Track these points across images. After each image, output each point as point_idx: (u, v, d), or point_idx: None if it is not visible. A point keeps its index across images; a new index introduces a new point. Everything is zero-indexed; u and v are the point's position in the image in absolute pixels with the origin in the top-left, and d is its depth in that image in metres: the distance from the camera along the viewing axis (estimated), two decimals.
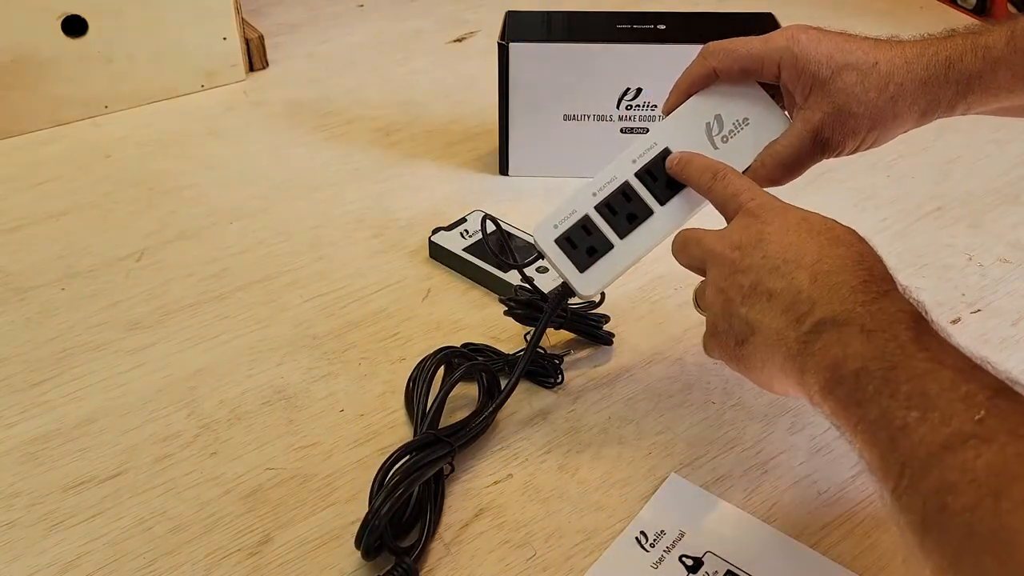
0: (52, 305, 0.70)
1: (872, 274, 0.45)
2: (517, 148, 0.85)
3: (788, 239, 0.48)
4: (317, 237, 0.78)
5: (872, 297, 0.44)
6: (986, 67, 0.54)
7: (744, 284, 0.48)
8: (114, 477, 0.57)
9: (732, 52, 0.57)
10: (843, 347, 0.43)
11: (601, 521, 0.54)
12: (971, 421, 0.37)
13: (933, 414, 0.38)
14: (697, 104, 0.59)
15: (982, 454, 0.35)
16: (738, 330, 0.49)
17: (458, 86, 1.03)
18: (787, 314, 0.46)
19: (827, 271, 0.46)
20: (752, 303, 0.48)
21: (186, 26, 0.96)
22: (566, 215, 0.58)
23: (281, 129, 0.95)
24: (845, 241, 0.48)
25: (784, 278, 0.47)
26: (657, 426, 0.61)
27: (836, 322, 0.44)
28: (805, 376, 0.45)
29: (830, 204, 0.82)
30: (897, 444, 0.39)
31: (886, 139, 0.57)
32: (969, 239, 0.79)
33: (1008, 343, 0.68)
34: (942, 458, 0.37)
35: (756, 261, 0.48)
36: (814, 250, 0.47)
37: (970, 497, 0.35)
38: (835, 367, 0.43)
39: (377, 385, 0.63)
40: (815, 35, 0.56)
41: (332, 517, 0.54)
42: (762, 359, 0.48)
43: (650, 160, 0.58)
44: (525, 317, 0.64)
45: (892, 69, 0.55)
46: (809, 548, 0.52)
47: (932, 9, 1.22)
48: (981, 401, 0.37)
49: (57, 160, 0.88)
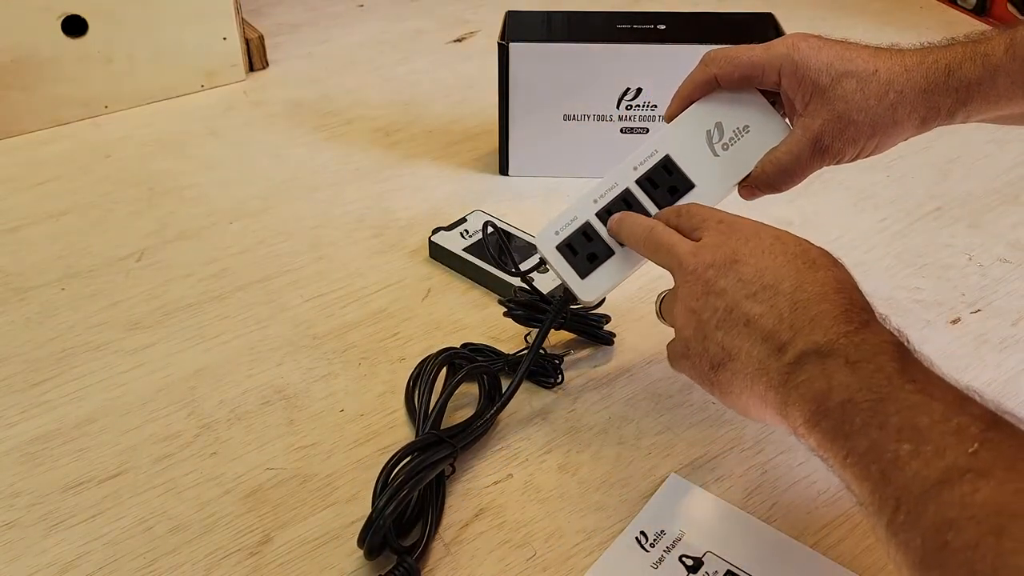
0: (52, 305, 0.70)
1: (852, 302, 0.45)
2: (517, 148, 0.85)
3: (764, 262, 0.47)
4: (317, 237, 0.78)
5: (855, 327, 0.44)
6: (985, 75, 0.54)
7: (719, 307, 0.48)
8: (114, 477, 0.57)
9: (733, 59, 0.57)
10: (827, 379, 0.43)
11: (601, 521, 0.54)
12: (965, 454, 0.36)
13: (926, 447, 0.38)
14: (698, 111, 0.60)
15: (979, 489, 0.35)
16: (713, 354, 0.48)
17: (458, 86, 1.03)
18: (767, 343, 0.46)
19: (807, 300, 0.45)
20: (728, 328, 0.47)
21: (186, 26, 0.96)
22: (567, 221, 0.59)
23: (281, 129, 0.95)
24: (822, 265, 0.47)
25: (762, 304, 0.46)
26: (657, 426, 0.61)
27: (820, 353, 0.43)
28: (788, 408, 0.45)
29: (830, 204, 0.83)
30: (890, 478, 0.39)
31: (886, 147, 0.58)
32: (969, 239, 0.79)
33: (1008, 343, 0.68)
34: (939, 493, 0.36)
35: (731, 284, 0.48)
36: (792, 276, 0.46)
37: (971, 535, 0.35)
38: (820, 399, 0.43)
39: (377, 385, 0.63)
40: (815, 43, 0.56)
41: (332, 517, 0.54)
42: (740, 386, 0.48)
43: (651, 167, 0.59)
44: (525, 318, 0.64)
45: (892, 77, 0.55)
46: (809, 548, 0.52)
47: (932, 9, 1.22)
48: (974, 434, 0.37)
49: (57, 160, 0.88)
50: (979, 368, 0.65)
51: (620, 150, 0.83)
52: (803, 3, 1.20)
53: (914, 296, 0.72)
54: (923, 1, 1.23)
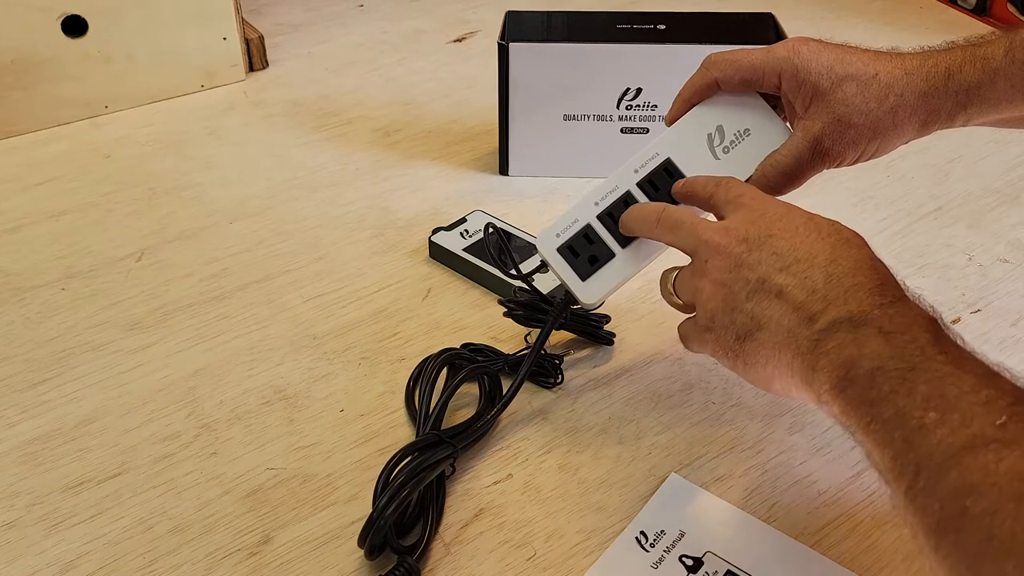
0: (52, 305, 0.70)
1: (886, 279, 0.46)
2: (517, 148, 0.85)
3: (798, 238, 0.48)
4: (317, 237, 0.78)
5: (889, 300, 0.44)
6: (985, 78, 0.54)
7: (751, 279, 0.48)
8: (114, 477, 0.57)
9: (733, 63, 0.58)
10: (859, 347, 0.43)
11: (601, 521, 0.54)
12: (992, 425, 0.36)
13: (952, 416, 0.38)
14: (699, 115, 0.60)
15: (1004, 458, 0.35)
16: (740, 325, 0.48)
17: (458, 86, 1.03)
18: (799, 312, 0.46)
19: (841, 273, 0.46)
20: (759, 299, 0.48)
21: (186, 26, 0.96)
22: (568, 224, 0.59)
23: (281, 129, 0.95)
24: (855, 243, 0.48)
25: (796, 276, 0.46)
26: (657, 426, 0.61)
27: (853, 322, 0.44)
28: (816, 374, 0.45)
29: (830, 204, 0.83)
30: (913, 444, 0.38)
31: (886, 150, 0.58)
32: (969, 239, 0.79)
33: (1008, 343, 0.68)
34: (961, 459, 0.36)
35: (765, 256, 0.48)
36: (826, 250, 0.47)
37: (991, 500, 0.35)
38: (849, 365, 0.43)
39: (377, 385, 0.63)
40: (816, 47, 0.56)
41: (332, 517, 0.54)
42: (766, 356, 0.48)
43: (652, 170, 0.59)
44: (525, 318, 0.64)
45: (892, 80, 0.55)
46: (809, 548, 0.52)
47: (932, 8, 1.22)
48: (1003, 407, 0.37)
49: (57, 160, 0.88)
50: None
51: (620, 150, 0.83)
52: (803, 3, 1.20)
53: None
54: (923, 1, 1.23)
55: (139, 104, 0.97)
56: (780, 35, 0.80)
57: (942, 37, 0.59)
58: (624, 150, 0.83)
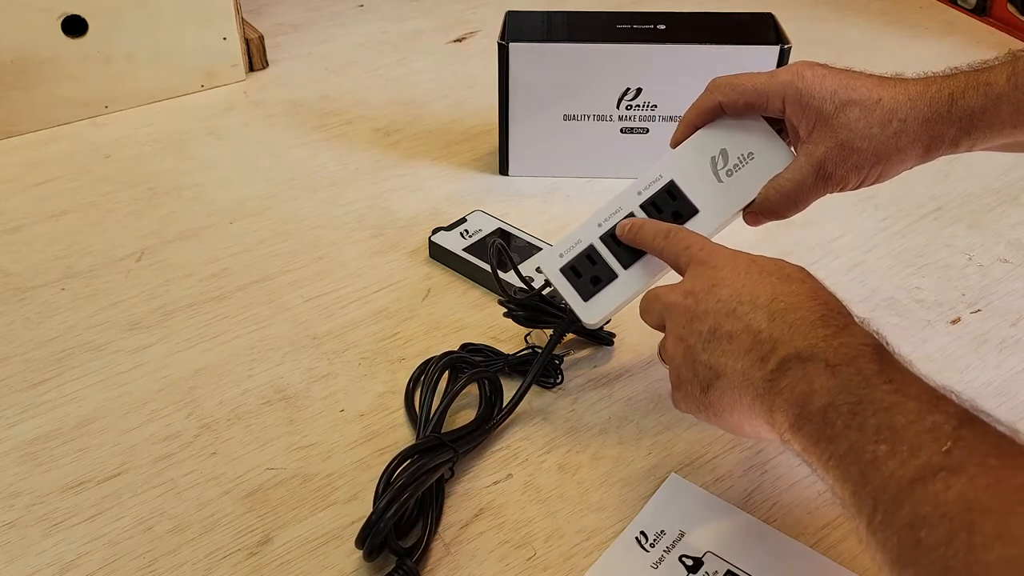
0: (52, 305, 0.70)
1: (828, 308, 0.46)
2: (517, 148, 0.85)
3: (740, 281, 0.49)
4: (317, 237, 0.78)
5: (833, 331, 0.44)
6: (988, 103, 0.54)
7: (703, 330, 0.49)
8: (114, 477, 0.57)
9: (737, 87, 0.58)
10: (808, 383, 0.43)
11: (601, 521, 0.54)
12: (939, 453, 0.37)
13: (902, 447, 0.38)
14: (703, 138, 0.60)
15: (952, 486, 0.36)
16: (702, 376, 0.49)
17: (458, 86, 1.03)
18: (750, 354, 0.46)
19: (783, 309, 0.46)
20: (713, 348, 0.48)
21: (186, 26, 0.96)
22: (572, 244, 0.59)
23: (281, 129, 0.95)
24: (796, 278, 0.48)
25: (741, 319, 0.47)
26: (657, 426, 0.61)
27: (800, 358, 0.44)
28: (774, 414, 0.45)
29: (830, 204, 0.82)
30: (868, 478, 0.39)
31: (890, 175, 0.58)
32: (969, 239, 0.79)
33: (1008, 343, 0.68)
34: (913, 491, 0.37)
35: (711, 306, 0.49)
36: (767, 290, 0.47)
37: (943, 531, 0.35)
38: (802, 403, 0.43)
39: (377, 385, 0.63)
40: (820, 71, 0.56)
41: (332, 517, 0.54)
42: (730, 403, 0.48)
43: (655, 192, 0.59)
44: (525, 319, 0.64)
45: (895, 106, 0.55)
46: (809, 548, 0.52)
47: (932, 8, 1.22)
48: (947, 432, 0.38)
49: (57, 160, 0.88)
50: (979, 368, 0.65)
51: (620, 150, 0.83)
52: (803, 3, 1.20)
53: (914, 296, 0.72)
54: (923, 1, 1.23)
55: (139, 104, 0.97)
56: (780, 35, 0.80)
57: (942, 37, 0.59)
58: (624, 150, 0.83)
